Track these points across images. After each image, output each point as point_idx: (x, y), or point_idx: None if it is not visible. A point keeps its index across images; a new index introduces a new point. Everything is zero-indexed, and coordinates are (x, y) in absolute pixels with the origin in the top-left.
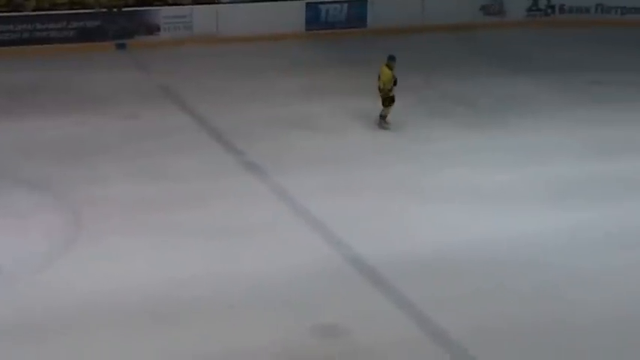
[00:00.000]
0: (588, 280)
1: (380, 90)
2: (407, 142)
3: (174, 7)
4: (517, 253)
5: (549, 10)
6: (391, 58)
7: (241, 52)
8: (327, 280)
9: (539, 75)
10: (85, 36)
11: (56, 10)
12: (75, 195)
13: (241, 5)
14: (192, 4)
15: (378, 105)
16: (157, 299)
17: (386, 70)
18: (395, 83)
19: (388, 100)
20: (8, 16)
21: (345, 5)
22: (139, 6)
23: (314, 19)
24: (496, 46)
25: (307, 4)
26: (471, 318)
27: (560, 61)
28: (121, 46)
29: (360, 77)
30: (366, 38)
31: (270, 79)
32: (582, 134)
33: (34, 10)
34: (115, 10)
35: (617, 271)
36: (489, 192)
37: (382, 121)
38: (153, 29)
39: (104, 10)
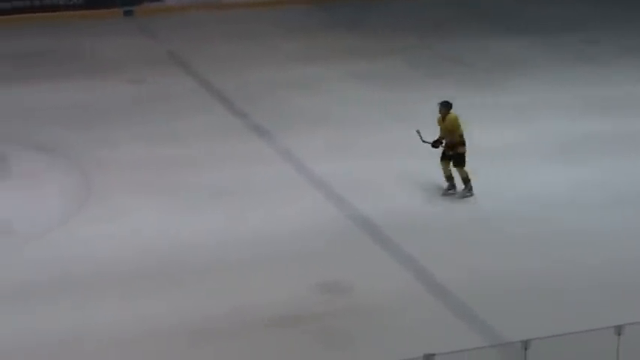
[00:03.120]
0: (586, 235)
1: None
2: (407, 103)
3: None
4: (516, 209)
5: None
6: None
7: (244, 17)
8: (330, 238)
9: (534, 35)
10: (93, 3)
11: None
12: (85, 158)
13: None
14: None
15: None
16: (165, 258)
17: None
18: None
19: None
20: None
21: None
22: None
23: None
24: (490, 7)
25: None
26: (469, 271)
27: (556, 21)
28: (129, 13)
29: (358, 40)
30: (364, 2)
31: (272, 43)
32: (580, 93)
33: None
34: None
35: (616, 228)
36: (489, 149)
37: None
38: None
39: None
